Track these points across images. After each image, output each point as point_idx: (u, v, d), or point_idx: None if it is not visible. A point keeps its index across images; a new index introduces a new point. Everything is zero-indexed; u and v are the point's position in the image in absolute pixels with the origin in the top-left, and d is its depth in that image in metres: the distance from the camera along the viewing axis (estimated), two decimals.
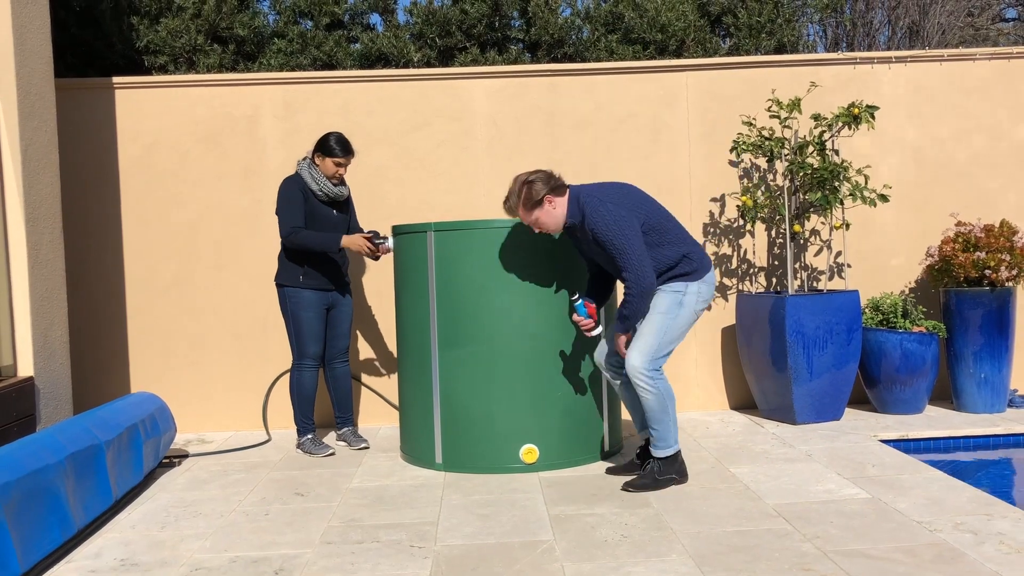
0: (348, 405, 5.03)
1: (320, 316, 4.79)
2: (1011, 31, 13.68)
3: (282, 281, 4.77)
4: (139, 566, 3.22)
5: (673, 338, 3.91)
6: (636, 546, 3.20)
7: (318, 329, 4.78)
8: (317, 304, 4.76)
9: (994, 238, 5.17)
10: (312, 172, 4.71)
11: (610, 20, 6.87)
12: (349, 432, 5.03)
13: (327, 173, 4.72)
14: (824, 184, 5.22)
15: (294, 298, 4.74)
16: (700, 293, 3.93)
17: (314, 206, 4.72)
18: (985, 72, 5.73)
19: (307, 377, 4.80)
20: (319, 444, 4.87)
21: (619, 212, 3.78)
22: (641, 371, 3.85)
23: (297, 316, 4.74)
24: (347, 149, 4.71)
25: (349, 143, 4.73)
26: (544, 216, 3.90)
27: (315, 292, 4.75)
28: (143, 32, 6.43)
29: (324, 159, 4.71)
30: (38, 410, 4.45)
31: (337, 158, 4.70)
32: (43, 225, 4.62)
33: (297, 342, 4.77)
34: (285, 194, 4.68)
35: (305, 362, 4.79)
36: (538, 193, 3.84)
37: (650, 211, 3.88)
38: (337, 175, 4.73)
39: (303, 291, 4.73)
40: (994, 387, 5.22)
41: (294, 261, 4.74)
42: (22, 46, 4.47)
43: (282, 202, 4.68)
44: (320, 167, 4.73)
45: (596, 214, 3.79)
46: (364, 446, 4.97)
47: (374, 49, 6.68)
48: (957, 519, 3.37)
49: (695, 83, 5.69)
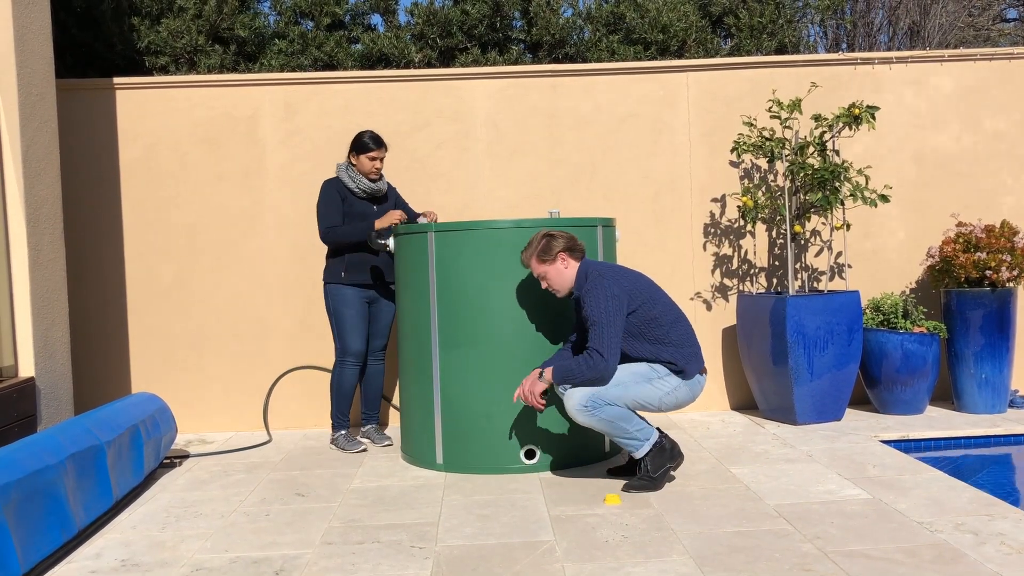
0: (376, 403, 5.13)
1: (362, 313, 4.87)
2: (1012, 31, 13.68)
3: (326, 279, 4.89)
4: (140, 566, 3.22)
5: (623, 395, 3.80)
6: (637, 546, 3.20)
7: (360, 325, 4.86)
8: (358, 301, 4.86)
9: (995, 239, 5.17)
10: (349, 172, 4.87)
11: (611, 21, 6.87)
12: (373, 429, 5.12)
13: (364, 169, 4.86)
14: (825, 184, 5.22)
15: (336, 295, 4.85)
16: (676, 389, 3.88)
17: (352, 203, 4.86)
18: (986, 72, 5.73)
19: (349, 374, 4.89)
20: (352, 440, 4.95)
21: (613, 291, 3.80)
22: (577, 407, 3.79)
23: (339, 312, 4.84)
24: (379, 142, 4.86)
25: (380, 136, 4.90)
26: (553, 272, 3.96)
27: (356, 289, 4.86)
28: (144, 33, 6.44)
29: (359, 156, 4.87)
30: (39, 410, 4.45)
31: (371, 152, 4.84)
32: (44, 226, 4.62)
33: (340, 338, 4.86)
34: (322, 197, 4.84)
35: (348, 359, 4.88)
36: (553, 249, 3.93)
37: (651, 303, 3.88)
38: (374, 169, 4.87)
39: (344, 288, 4.84)
40: (995, 387, 5.21)
41: (336, 259, 4.87)
42: (23, 47, 4.47)
43: (319, 204, 4.85)
44: (357, 166, 4.88)
45: (592, 284, 3.85)
46: (388, 443, 5.05)
47: (375, 50, 6.68)
48: (958, 520, 3.37)
49: (696, 84, 5.69)
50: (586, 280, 3.92)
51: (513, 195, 5.65)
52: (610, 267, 3.96)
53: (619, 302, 3.80)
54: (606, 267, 3.95)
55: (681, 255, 5.70)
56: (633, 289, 3.88)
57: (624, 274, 3.93)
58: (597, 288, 3.82)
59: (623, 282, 3.87)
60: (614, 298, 3.79)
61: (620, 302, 3.80)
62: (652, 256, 5.68)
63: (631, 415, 3.85)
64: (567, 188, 5.66)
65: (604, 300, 3.78)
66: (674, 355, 3.89)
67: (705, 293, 5.72)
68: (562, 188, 5.66)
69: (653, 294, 3.92)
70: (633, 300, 3.86)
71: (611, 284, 3.82)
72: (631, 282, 3.90)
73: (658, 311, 3.89)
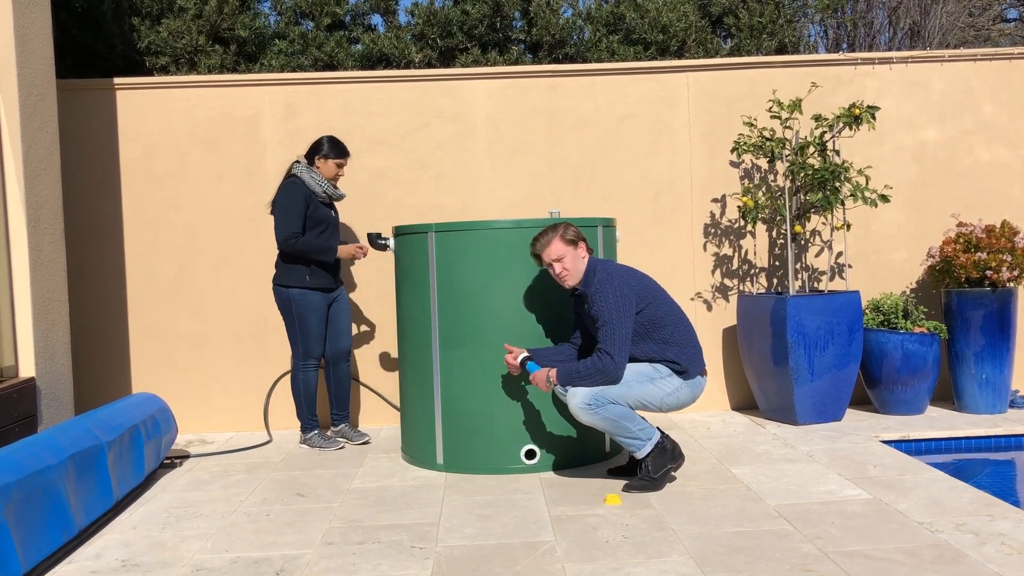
0: (346, 403, 5.14)
1: (323, 318, 4.89)
2: (1012, 31, 13.67)
3: (287, 282, 4.82)
4: (140, 567, 3.22)
5: (627, 394, 3.81)
6: (637, 547, 3.20)
7: (322, 331, 4.89)
8: (322, 306, 4.86)
9: (995, 239, 5.17)
10: (313, 175, 4.79)
11: (611, 21, 6.87)
12: (347, 428, 5.12)
13: (328, 175, 4.84)
14: (825, 185, 5.21)
15: (300, 300, 4.80)
16: (678, 390, 3.90)
17: (316, 208, 4.80)
18: (986, 72, 5.72)
19: (312, 377, 4.92)
20: (328, 439, 4.98)
21: (623, 291, 3.81)
22: (580, 405, 3.80)
23: (304, 319, 4.82)
24: (346, 149, 4.90)
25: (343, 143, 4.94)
26: (571, 258, 3.93)
27: (320, 294, 4.84)
28: (144, 33, 6.44)
29: (326, 161, 4.82)
30: (39, 411, 4.45)
31: (340, 159, 4.85)
32: (44, 226, 4.62)
33: (303, 344, 4.86)
34: (286, 200, 4.73)
35: (309, 362, 4.89)
36: (576, 234, 3.94)
37: (656, 304, 3.89)
38: (338, 176, 4.87)
39: (310, 293, 4.80)
40: (995, 388, 5.21)
41: (298, 263, 4.80)
42: (23, 47, 4.48)
43: (283, 208, 4.73)
44: (321, 169, 4.82)
45: (602, 284, 3.84)
46: (365, 441, 5.06)
47: (375, 50, 6.69)
48: (958, 520, 3.37)
49: (696, 84, 5.69)
50: (594, 276, 3.91)
51: (513, 195, 5.65)
52: (617, 267, 3.96)
53: (628, 302, 3.81)
54: (613, 266, 3.95)
55: (681, 255, 5.70)
56: (641, 289, 3.89)
57: (631, 274, 3.94)
58: (606, 287, 3.82)
59: (631, 282, 3.88)
60: (624, 298, 3.80)
61: (629, 302, 3.81)
62: (652, 256, 5.68)
63: (634, 415, 3.85)
64: (567, 188, 5.66)
65: (615, 300, 3.79)
66: (678, 355, 3.90)
67: (705, 293, 5.72)
68: (562, 188, 5.66)
69: (657, 295, 3.93)
70: (640, 300, 3.87)
71: (620, 284, 3.83)
72: (638, 282, 3.91)
73: (662, 312, 3.90)
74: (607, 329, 3.78)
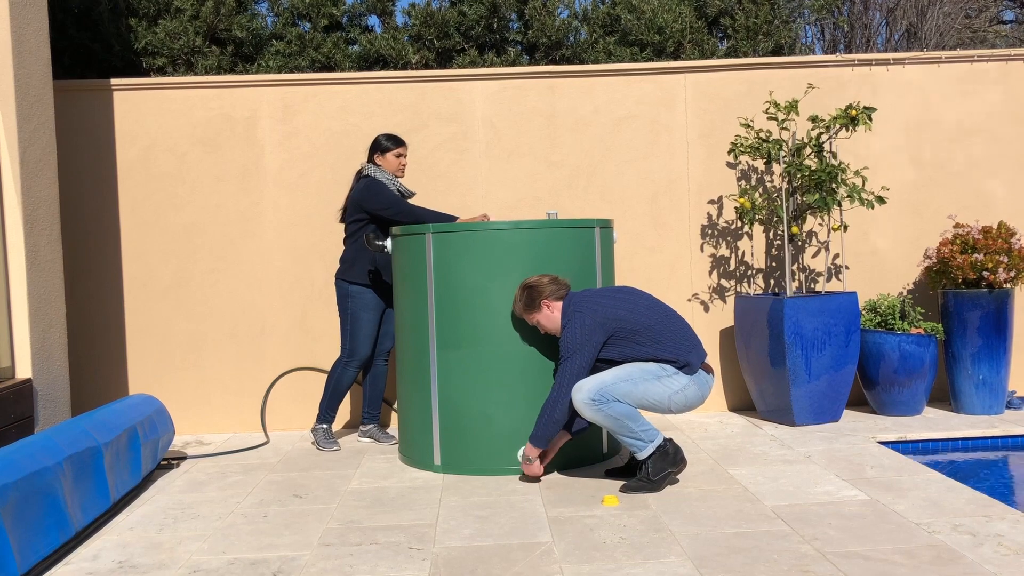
0: (379, 403, 5.17)
1: (377, 318, 4.91)
2: (1009, 33, 13.70)
3: (351, 278, 4.84)
4: (137, 568, 3.21)
5: (632, 391, 3.84)
6: (635, 548, 3.20)
7: (373, 332, 4.90)
8: (377, 307, 4.89)
9: (992, 240, 5.17)
10: (384, 173, 4.84)
11: (608, 22, 6.88)
12: (376, 429, 5.16)
13: (392, 168, 4.87)
14: (822, 186, 5.22)
15: (359, 298, 4.84)
16: (685, 388, 3.91)
17: None
18: (983, 74, 5.74)
19: (350, 376, 4.93)
20: (330, 439, 4.99)
21: (586, 322, 3.91)
22: (585, 401, 3.83)
23: (358, 316, 4.84)
24: (401, 139, 4.91)
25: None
26: (543, 319, 4.09)
27: (377, 296, 4.88)
28: (141, 34, 6.43)
29: (385, 156, 4.86)
30: (36, 412, 4.44)
31: (399, 148, 4.86)
32: (41, 227, 4.61)
33: (352, 342, 4.87)
34: (378, 188, 4.71)
35: (354, 362, 4.90)
36: (536, 300, 4.06)
37: (634, 312, 3.94)
38: (401, 166, 4.89)
39: (368, 292, 4.84)
40: (992, 389, 5.22)
41: (361, 258, 4.81)
42: (20, 48, 4.47)
43: (382, 194, 4.69)
44: (384, 166, 4.86)
45: (570, 319, 3.97)
46: (394, 442, 5.08)
47: (372, 51, 6.69)
48: (955, 521, 3.38)
49: (693, 85, 5.69)
50: (565, 317, 4.02)
51: (511, 196, 5.65)
52: (587, 298, 4.01)
53: (591, 332, 3.91)
54: (583, 299, 4.01)
55: (678, 256, 5.70)
56: (613, 308, 3.94)
57: (600, 298, 4.00)
58: (573, 323, 3.95)
59: (599, 309, 3.94)
60: (587, 329, 3.91)
61: (592, 331, 3.91)
62: (650, 257, 5.69)
63: (638, 415, 3.87)
64: (565, 189, 5.67)
65: (580, 334, 3.92)
66: (673, 350, 3.92)
67: (703, 294, 5.72)
68: (560, 189, 5.67)
69: (634, 304, 3.98)
70: (613, 320, 3.92)
71: (584, 317, 3.93)
72: (610, 302, 3.97)
73: (641, 316, 3.94)
74: (563, 364, 3.93)
